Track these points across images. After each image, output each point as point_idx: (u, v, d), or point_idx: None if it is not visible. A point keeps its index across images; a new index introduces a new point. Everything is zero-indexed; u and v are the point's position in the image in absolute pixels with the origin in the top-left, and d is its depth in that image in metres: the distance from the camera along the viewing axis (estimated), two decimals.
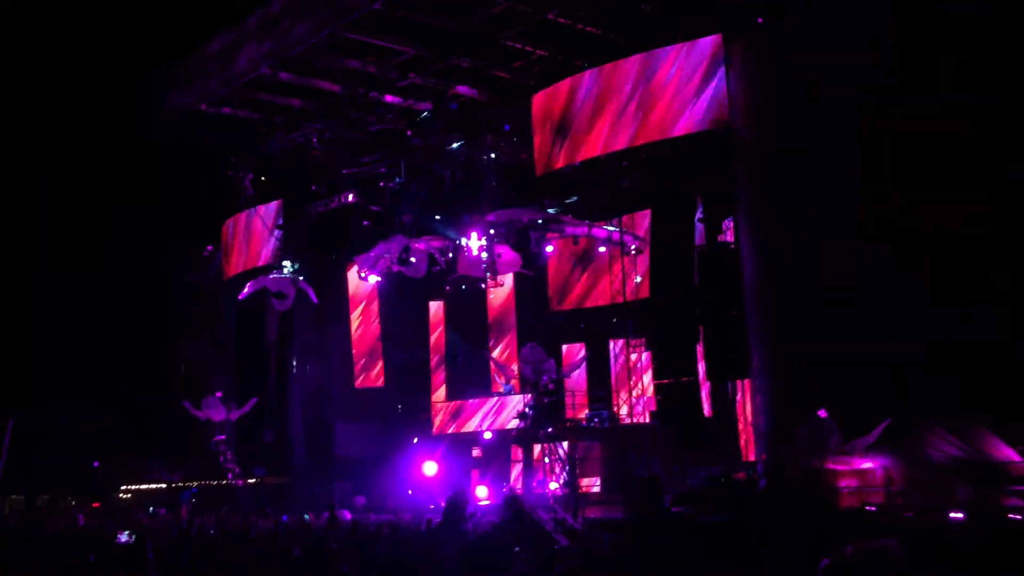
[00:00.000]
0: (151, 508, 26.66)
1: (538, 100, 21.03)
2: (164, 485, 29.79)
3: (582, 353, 23.64)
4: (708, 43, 18.05)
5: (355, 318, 28.69)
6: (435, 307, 27.80)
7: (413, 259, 24.02)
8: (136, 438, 30.31)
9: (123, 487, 29.44)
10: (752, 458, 18.52)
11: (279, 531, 15.09)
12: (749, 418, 19.21)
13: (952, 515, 13.29)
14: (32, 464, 27.50)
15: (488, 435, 24.26)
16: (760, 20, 15.82)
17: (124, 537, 11.31)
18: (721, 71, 17.63)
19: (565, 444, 21.27)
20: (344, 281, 28.55)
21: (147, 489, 30.04)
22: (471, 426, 25.07)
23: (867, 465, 14.44)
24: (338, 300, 28.67)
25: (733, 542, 12.06)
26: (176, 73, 24.34)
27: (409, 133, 23.86)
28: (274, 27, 21.14)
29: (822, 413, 14.61)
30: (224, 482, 27.71)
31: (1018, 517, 13.07)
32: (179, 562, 9.29)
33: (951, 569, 9.58)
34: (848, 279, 14.84)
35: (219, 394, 27.82)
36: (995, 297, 14.22)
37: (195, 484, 28.64)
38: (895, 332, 14.46)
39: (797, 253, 15.49)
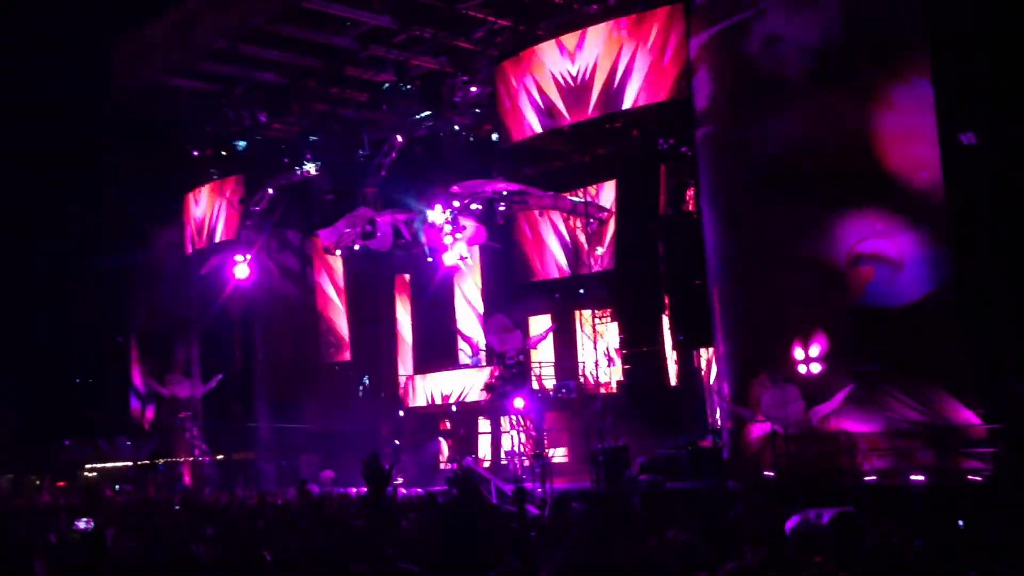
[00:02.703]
0: (117, 486, 26.49)
1: (502, 70, 20.90)
2: (130, 463, 29.55)
3: (548, 324, 23.66)
4: (668, 12, 18.03)
5: (320, 292, 28.52)
6: (401, 280, 27.67)
7: (378, 232, 23.88)
8: (101, 416, 30.06)
9: (88, 465, 29.15)
10: (717, 426, 18.71)
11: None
12: (713, 385, 19.37)
13: (913, 478, 13.54)
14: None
15: (454, 407, 24.27)
16: None
17: (82, 524, 11.19)
18: (681, 40, 17.61)
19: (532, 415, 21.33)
20: (309, 255, 28.34)
21: (113, 467, 29.77)
22: (438, 399, 25.06)
23: (830, 430, 14.64)
24: (302, 274, 28.49)
25: (698, 508, 12.17)
26: (135, 44, 23.93)
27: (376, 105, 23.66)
28: None
29: (789, 379, 14.78)
30: (190, 459, 27.58)
31: (978, 479, 13.35)
32: (141, 543, 9.18)
33: (912, 530, 9.73)
34: (807, 245, 14.94)
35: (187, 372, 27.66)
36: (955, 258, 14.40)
37: (161, 461, 28.45)
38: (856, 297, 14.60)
39: (756, 221, 15.57)
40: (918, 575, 6.99)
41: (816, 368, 14.75)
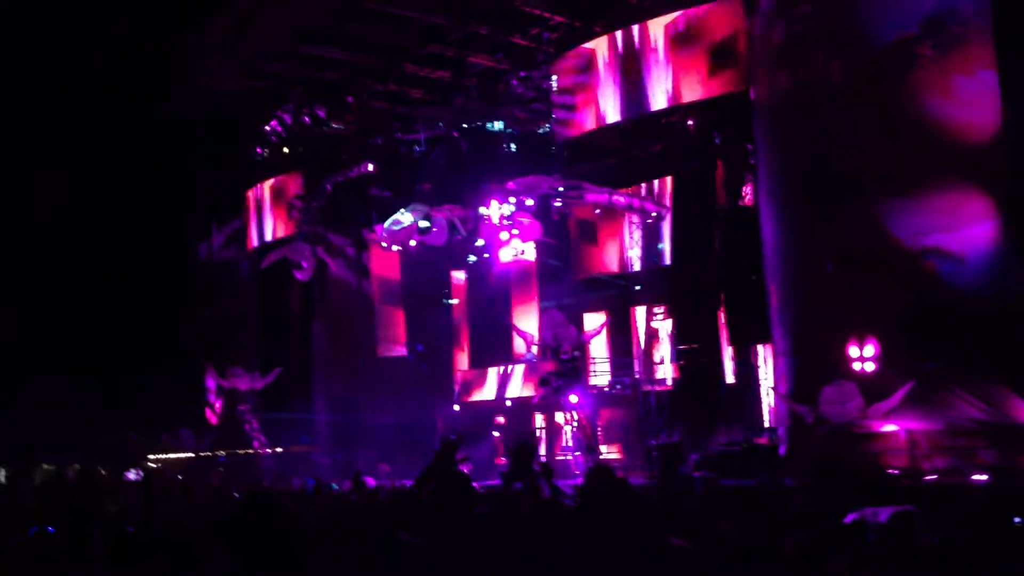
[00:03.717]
0: (179, 476, 27.04)
1: (558, 66, 20.90)
2: (192, 455, 30.16)
3: (603, 320, 23.62)
4: (726, 5, 17.87)
5: (377, 288, 28.78)
6: (458, 276, 27.84)
7: (434, 228, 24.05)
8: (165, 409, 30.71)
9: (152, 457, 29.81)
10: (774, 424, 18.51)
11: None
12: (771, 384, 19.17)
13: (975, 477, 13.27)
14: (63, 435, 27.96)
15: (508, 402, 24.34)
16: None
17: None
18: (739, 33, 17.45)
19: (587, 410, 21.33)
20: (366, 251, 28.62)
21: (175, 459, 30.42)
22: (494, 394, 25.15)
23: (890, 428, 14.41)
24: (360, 270, 28.77)
25: (752, 505, 12.08)
26: (198, 43, 24.36)
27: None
28: None
29: (848, 375, 14.59)
30: (250, 451, 28.05)
31: None
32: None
33: (973, 532, 9.55)
34: (867, 240, 14.71)
35: (247, 365, 28.11)
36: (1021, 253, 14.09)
37: (222, 453, 28.99)
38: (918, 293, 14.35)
39: (814, 215, 15.37)
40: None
41: (870, 367, 14.51)
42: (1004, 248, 14.19)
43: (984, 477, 13.13)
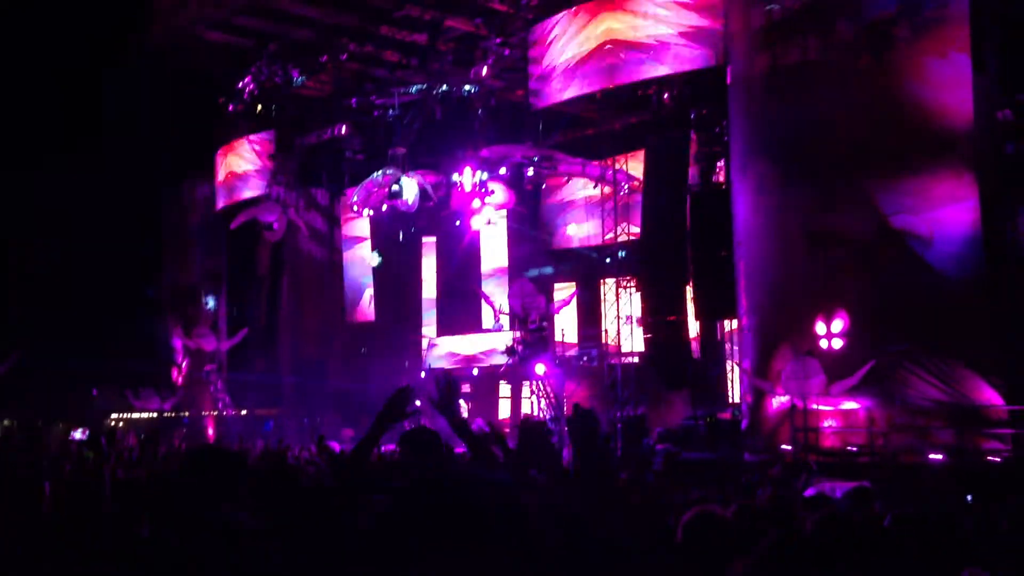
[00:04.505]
0: (141, 435, 26.86)
1: (535, 33, 20.73)
2: (155, 414, 29.97)
3: (572, 291, 23.65)
4: None
5: (346, 251, 28.65)
6: (428, 242, 27.74)
7: (406, 193, 23.91)
8: (128, 368, 30.46)
9: (114, 415, 29.60)
10: (739, 399, 18.67)
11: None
12: (736, 359, 19.31)
13: (932, 456, 13.47)
14: (25, 391, 27.66)
15: (476, 371, 24.37)
16: None
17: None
18: (718, 6, 17.38)
19: (552, 381, 21.39)
20: (337, 214, 28.46)
21: (138, 418, 30.22)
22: (461, 362, 25.14)
23: (850, 406, 14.58)
24: (330, 233, 28.61)
25: (712, 478, 12.19)
26: None
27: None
28: None
29: (811, 352, 14.72)
30: (214, 412, 27.93)
31: (997, 460, 13.26)
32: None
33: (929, 509, 9.69)
34: (836, 219, 14.80)
35: (222, 326, 27.94)
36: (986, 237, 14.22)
37: (185, 414, 28.84)
38: (884, 273, 14.46)
39: (785, 193, 15.42)
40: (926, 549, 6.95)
41: (838, 344, 14.65)
42: (971, 231, 14.31)
43: (940, 456, 13.34)
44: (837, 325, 14.67)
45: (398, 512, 2.23)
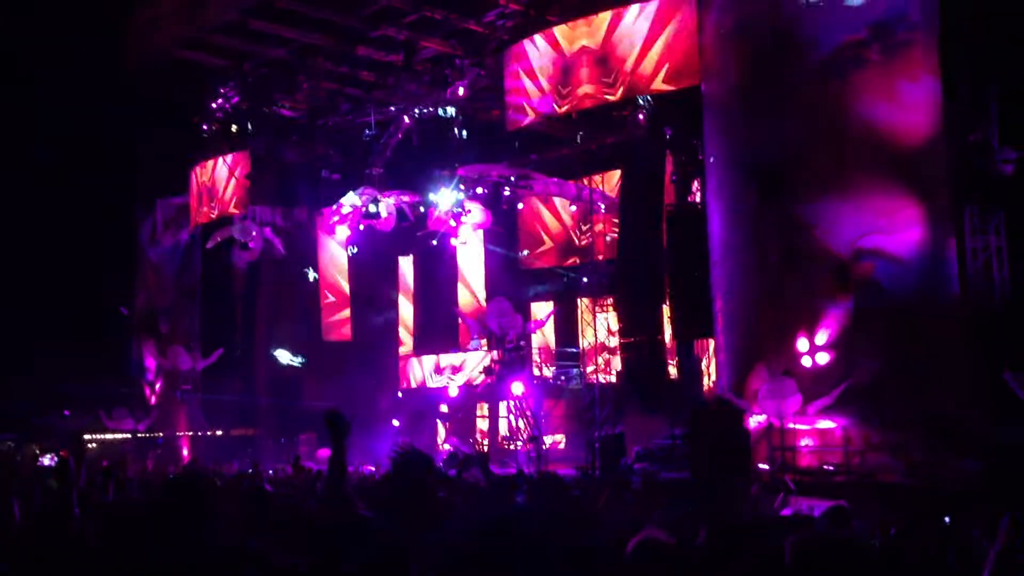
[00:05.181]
0: (104, 461, 26.56)
1: (510, 54, 20.81)
2: (128, 436, 29.66)
3: (549, 310, 23.68)
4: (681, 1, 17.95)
5: (323, 270, 28.54)
6: (405, 262, 27.70)
7: (383, 213, 23.89)
8: (102, 388, 30.15)
9: (88, 436, 29.27)
10: None
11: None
12: (713, 378, 19.38)
13: (905, 476, 13.55)
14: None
15: (454, 391, 24.31)
16: None
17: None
18: (692, 27, 17.52)
19: (531, 401, 21.38)
20: (312, 233, 28.35)
21: (112, 439, 29.89)
22: (438, 381, 25.08)
23: (826, 425, 14.66)
24: (305, 252, 28.50)
25: (688, 497, 12.19)
26: (149, 13, 23.83)
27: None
28: None
29: (788, 372, 14.79)
30: (189, 433, 27.68)
31: (970, 479, 13.34)
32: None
33: (904, 528, 9.75)
34: (810, 239, 14.92)
35: (194, 345, 27.72)
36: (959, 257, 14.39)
37: (160, 435, 28.56)
38: (857, 293, 14.58)
39: (759, 212, 15.53)
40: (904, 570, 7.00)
41: (823, 358, 14.69)
42: (942, 250, 14.47)
43: (914, 476, 13.42)
44: (821, 338, 14.73)
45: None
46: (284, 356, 26.53)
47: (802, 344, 14.87)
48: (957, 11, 14.72)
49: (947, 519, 9.26)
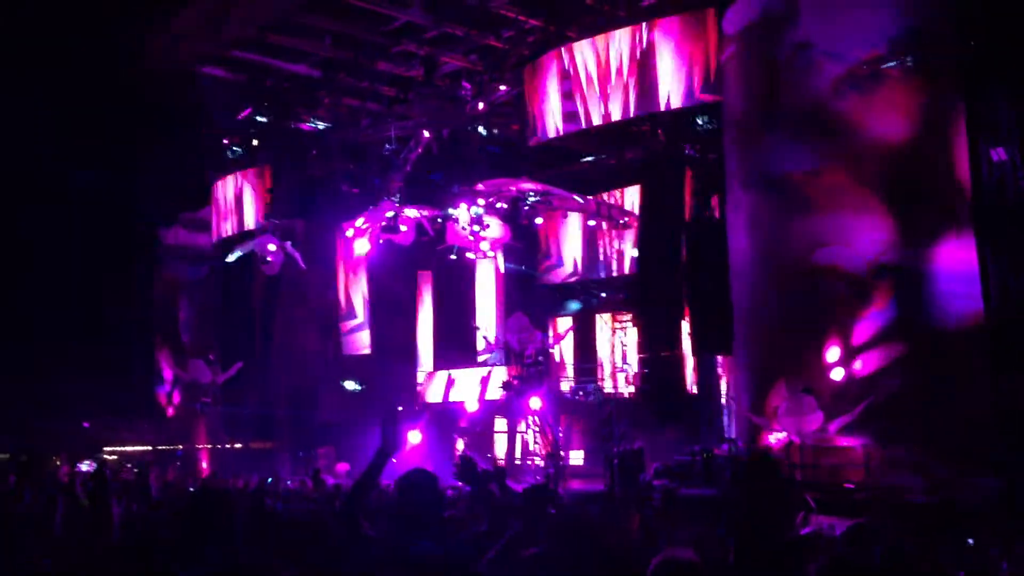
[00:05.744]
0: (134, 467, 26.74)
1: (530, 70, 20.91)
2: (149, 447, 29.84)
3: (568, 326, 23.66)
4: (700, 16, 17.99)
5: (342, 285, 28.64)
6: (424, 276, 27.75)
7: (402, 227, 23.97)
8: (123, 400, 30.37)
9: (107, 448, 29.45)
10: (735, 434, 18.63)
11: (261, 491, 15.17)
12: (732, 394, 19.30)
13: (927, 494, 13.42)
14: (20, 424, 27.57)
15: (473, 406, 24.30)
16: None
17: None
18: (712, 45, 17.55)
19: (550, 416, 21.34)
20: (332, 247, 28.46)
21: (132, 451, 30.09)
22: (456, 396, 25.09)
23: (847, 443, 14.56)
24: (326, 266, 28.60)
25: (710, 515, 12.12)
26: (164, 31, 24.06)
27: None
28: None
29: (808, 390, 14.71)
30: (208, 445, 27.80)
31: (990, 498, 13.20)
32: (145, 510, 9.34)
33: (926, 545, 9.66)
34: (831, 255, 14.86)
35: (212, 356, 27.86)
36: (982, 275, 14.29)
37: (180, 447, 28.70)
38: (879, 309, 14.51)
39: (780, 228, 15.50)
40: None
41: (843, 375, 14.58)
42: (964, 268, 14.38)
43: (936, 495, 13.29)
44: (842, 355, 14.62)
45: None
46: (350, 384, 26.84)
47: (822, 361, 14.80)
48: (978, 27, 14.65)
49: (970, 540, 9.17)
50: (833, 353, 14.73)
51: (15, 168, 27.00)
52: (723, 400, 20.49)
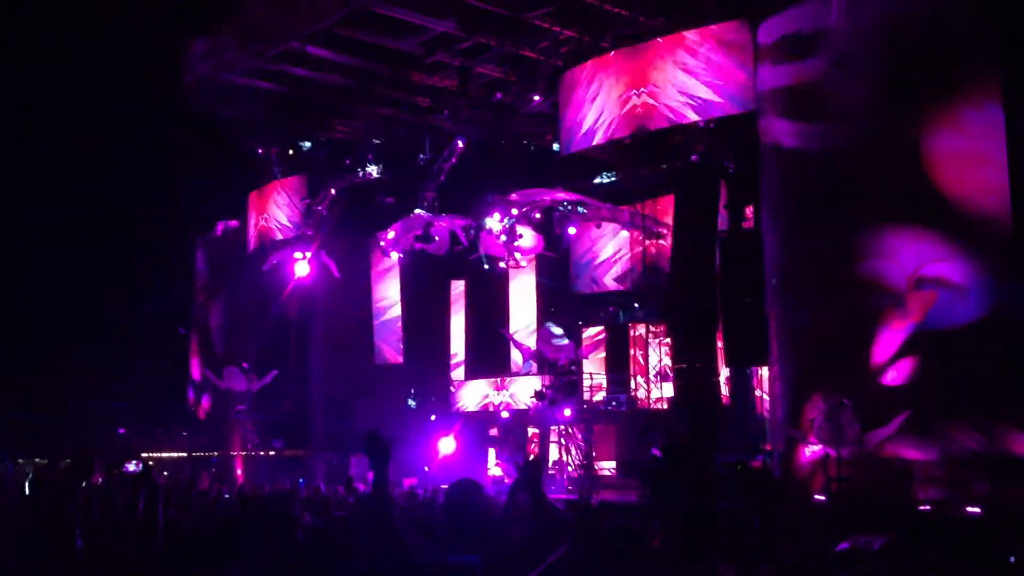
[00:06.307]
0: (165, 473, 27.01)
1: (565, 80, 20.93)
2: (184, 454, 30.12)
3: (601, 335, 23.60)
4: (734, 26, 17.93)
5: (376, 294, 28.78)
6: (457, 285, 27.82)
7: (436, 236, 24.05)
8: (159, 407, 30.71)
9: (144, 454, 29.75)
10: (769, 447, 18.47)
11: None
12: (767, 406, 19.14)
13: (969, 509, 13.23)
14: (57, 430, 27.98)
15: (505, 414, 24.31)
16: None
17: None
18: (746, 55, 17.47)
19: (581, 425, 21.29)
20: (366, 256, 28.62)
21: (168, 457, 30.38)
22: (488, 404, 25.10)
23: (884, 456, 14.37)
24: (360, 275, 28.76)
25: (745, 528, 12.04)
26: (204, 43, 24.37)
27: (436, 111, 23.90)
28: None
29: (845, 402, 14.55)
30: (243, 452, 28.01)
31: None
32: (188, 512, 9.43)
33: (965, 562, 9.52)
34: (868, 266, 14.72)
35: (245, 364, 28.09)
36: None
37: (215, 453, 28.95)
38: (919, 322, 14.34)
39: (816, 240, 15.37)
40: None
41: (881, 388, 14.41)
42: (1010, 280, 14.16)
43: (978, 510, 13.10)
44: (880, 367, 14.44)
45: None
46: (411, 402, 27.23)
47: (859, 373, 14.64)
48: (1016, 35, 14.44)
49: (1012, 558, 9.02)
50: (871, 366, 14.56)
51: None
52: (758, 412, 20.32)
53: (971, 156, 14.38)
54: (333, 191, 26.82)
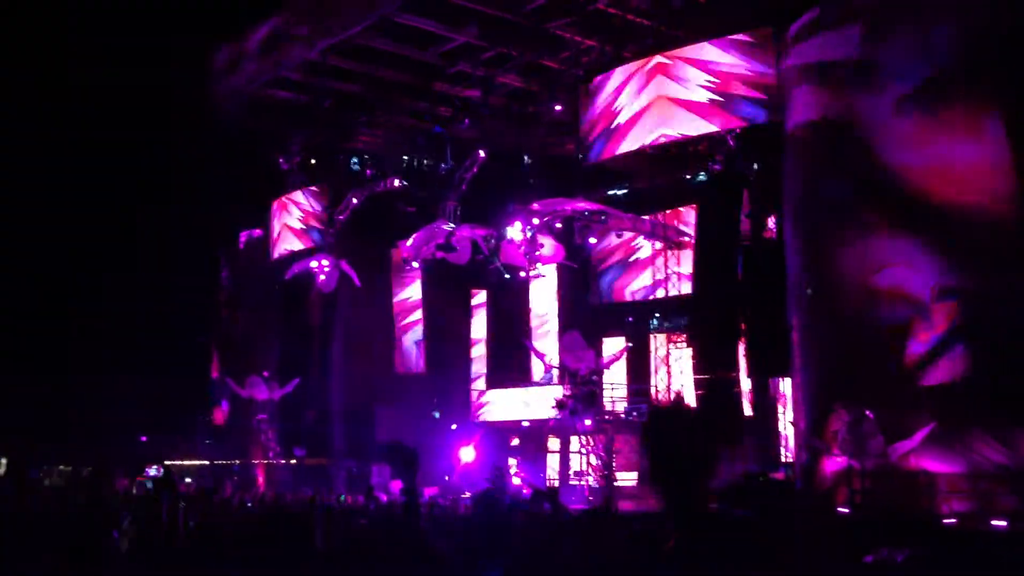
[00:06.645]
0: (188, 479, 27.16)
1: (586, 90, 20.93)
2: (206, 461, 30.26)
3: (622, 346, 23.54)
4: (757, 36, 17.87)
5: (397, 303, 28.84)
6: (477, 295, 27.84)
7: (457, 246, 24.07)
8: (182, 415, 30.92)
9: (166, 462, 29.93)
10: (791, 458, 18.33)
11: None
12: (790, 417, 18.99)
13: (994, 523, 13.07)
14: (80, 437, 28.20)
15: (526, 423, 24.26)
16: None
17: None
18: (770, 64, 17.42)
19: (602, 436, 21.21)
20: (388, 266, 28.69)
21: (190, 465, 30.54)
22: (509, 414, 25.06)
23: (909, 469, 14.22)
24: (381, 284, 28.83)
25: (765, 539, 11.93)
26: (227, 54, 24.58)
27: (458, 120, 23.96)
28: (324, 9, 21.29)
29: (868, 414, 14.41)
30: (264, 461, 28.09)
31: None
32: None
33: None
34: (891, 276, 14.60)
35: (266, 373, 28.21)
36: None
37: (237, 462, 29.05)
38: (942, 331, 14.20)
39: (839, 250, 15.26)
40: None
41: (906, 398, 14.25)
42: None
43: (1003, 523, 12.94)
44: (904, 377, 14.30)
45: None
46: (436, 413, 27.30)
47: (883, 384, 14.50)
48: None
49: None
50: (895, 375, 14.42)
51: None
52: (780, 423, 20.17)
53: (995, 167, 14.24)
54: (355, 200, 26.92)
